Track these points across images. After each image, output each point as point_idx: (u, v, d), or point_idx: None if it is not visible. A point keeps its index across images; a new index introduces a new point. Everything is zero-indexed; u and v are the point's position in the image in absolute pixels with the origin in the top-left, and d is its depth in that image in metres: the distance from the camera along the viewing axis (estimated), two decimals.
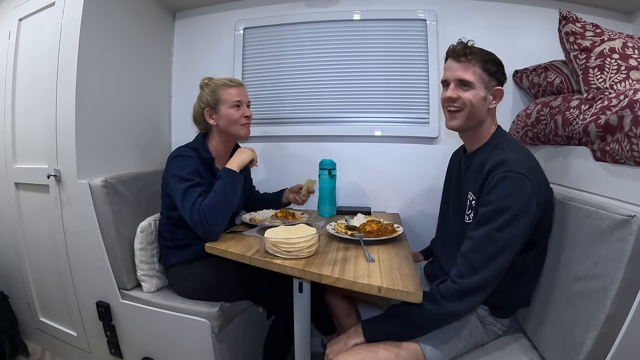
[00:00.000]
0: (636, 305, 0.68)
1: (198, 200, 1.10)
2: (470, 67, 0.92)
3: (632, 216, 0.68)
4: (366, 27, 1.66)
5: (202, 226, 1.07)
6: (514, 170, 0.81)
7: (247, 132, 1.30)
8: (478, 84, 0.92)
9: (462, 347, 0.92)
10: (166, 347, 1.27)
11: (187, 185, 1.13)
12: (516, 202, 0.79)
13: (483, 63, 0.92)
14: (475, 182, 0.91)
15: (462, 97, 0.93)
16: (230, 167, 1.18)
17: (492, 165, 0.85)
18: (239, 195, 1.19)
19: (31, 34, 1.48)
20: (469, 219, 0.93)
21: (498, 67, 0.94)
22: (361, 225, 1.18)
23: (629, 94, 0.83)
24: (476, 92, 0.92)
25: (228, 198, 1.12)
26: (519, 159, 0.84)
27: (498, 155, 0.87)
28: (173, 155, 1.22)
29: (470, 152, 1.02)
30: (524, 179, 0.80)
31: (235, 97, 1.26)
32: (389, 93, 1.66)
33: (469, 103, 0.92)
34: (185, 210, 1.10)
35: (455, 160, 1.17)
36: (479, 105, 0.93)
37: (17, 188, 1.55)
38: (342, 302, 1.34)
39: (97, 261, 1.28)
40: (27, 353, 1.62)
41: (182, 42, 1.84)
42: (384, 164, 1.67)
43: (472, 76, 0.92)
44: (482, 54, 0.93)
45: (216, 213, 1.09)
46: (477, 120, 0.95)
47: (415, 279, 0.82)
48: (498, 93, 0.94)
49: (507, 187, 0.80)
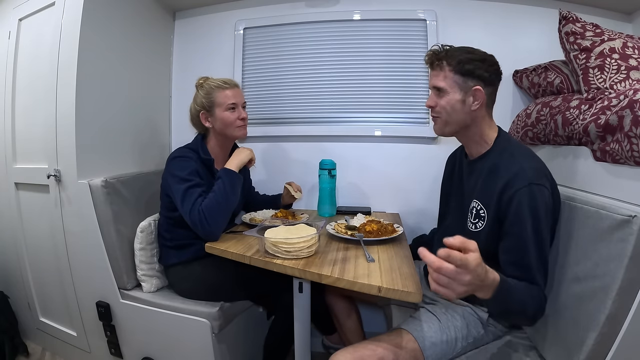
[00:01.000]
0: (636, 306, 0.68)
1: (198, 200, 1.10)
2: (441, 72, 0.92)
3: (632, 216, 0.68)
4: (366, 27, 1.66)
5: (202, 226, 1.07)
6: (534, 182, 0.81)
7: (243, 133, 1.29)
8: (451, 88, 0.91)
9: (462, 347, 0.92)
10: (166, 347, 1.27)
11: (187, 185, 1.13)
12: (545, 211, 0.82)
13: (456, 65, 0.90)
14: (485, 190, 0.90)
15: (438, 103, 0.94)
16: (229, 167, 1.18)
17: (509, 176, 0.84)
18: (239, 195, 1.19)
19: (31, 34, 1.48)
20: (476, 227, 0.92)
21: (477, 63, 0.90)
22: (361, 225, 1.17)
23: (629, 94, 0.83)
24: (450, 97, 0.91)
25: (228, 198, 1.12)
26: (535, 167, 0.85)
27: (512, 164, 0.85)
28: (173, 156, 1.22)
29: (475, 158, 0.99)
30: (543, 190, 0.82)
31: (230, 99, 1.24)
32: (389, 93, 1.66)
33: (443, 110, 0.93)
34: (185, 210, 1.10)
35: (453, 162, 1.16)
36: (456, 109, 0.92)
37: (17, 188, 1.55)
38: (342, 302, 1.34)
39: (97, 261, 1.28)
40: (27, 353, 1.62)
41: (182, 42, 1.84)
42: (384, 164, 1.67)
43: (442, 82, 0.92)
44: (454, 56, 0.91)
45: (216, 213, 1.09)
46: (458, 124, 0.94)
47: (415, 279, 0.82)
48: (478, 94, 0.90)
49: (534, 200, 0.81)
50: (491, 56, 0.94)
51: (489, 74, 0.91)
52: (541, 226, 0.81)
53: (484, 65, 0.91)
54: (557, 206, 0.89)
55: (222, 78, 1.29)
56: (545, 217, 0.82)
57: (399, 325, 0.94)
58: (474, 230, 0.93)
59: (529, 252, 0.81)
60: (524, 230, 0.81)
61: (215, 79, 1.28)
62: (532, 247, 0.81)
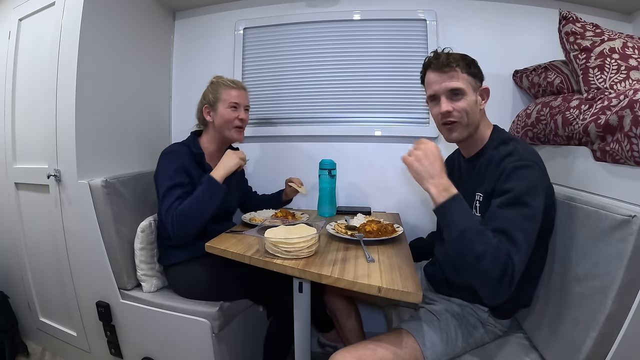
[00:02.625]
0: (636, 306, 0.68)
1: (175, 203, 1.13)
2: (456, 74, 0.91)
3: (632, 216, 0.68)
4: (366, 27, 1.66)
5: (172, 228, 1.12)
6: (524, 159, 0.82)
7: (240, 137, 1.32)
8: (468, 89, 0.92)
9: (462, 347, 0.92)
10: (166, 347, 1.27)
11: (169, 185, 1.16)
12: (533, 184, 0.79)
13: (466, 67, 0.92)
14: (485, 180, 0.90)
15: (456, 107, 0.91)
16: (215, 176, 1.19)
17: (503, 157, 0.85)
18: (215, 205, 1.18)
19: (31, 34, 1.48)
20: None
21: (476, 64, 0.94)
22: (361, 225, 1.17)
23: (629, 94, 0.83)
24: (469, 99, 0.92)
25: (203, 207, 1.14)
26: (527, 149, 0.86)
27: (505, 148, 0.87)
28: (163, 152, 1.25)
29: (472, 156, 1.01)
30: (534, 166, 0.82)
31: (234, 98, 1.28)
32: (389, 93, 1.66)
33: (464, 112, 0.91)
34: (162, 209, 1.15)
35: (451, 164, 1.16)
36: (475, 111, 0.93)
37: (17, 188, 1.55)
38: (342, 303, 1.34)
39: (97, 261, 1.28)
40: (27, 353, 1.62)
41: (182, 42, 1.84)
42: (384, 164, 1.67)
43: (462, 83, 0.91)
44: (462, 59, 0.93)
45: (187, 220, 1.12)
46: (474, 126, 0.95)
47: (415, 279, 0.82)
48: (485, 92, 0.95)
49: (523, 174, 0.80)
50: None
51: (482, 75, 0.96)
52: (527, 198, 0.77)
53: (479, 67, 0.95)
54: (549, 190, 0.88)
55: (234, 79, 1.34)
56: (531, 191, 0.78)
57: (399, 325, 0.94)
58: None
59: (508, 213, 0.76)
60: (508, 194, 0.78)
61: (227, 79, 1.33)
62: (513, 211, 0.76)
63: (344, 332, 1.34)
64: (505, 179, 0.82)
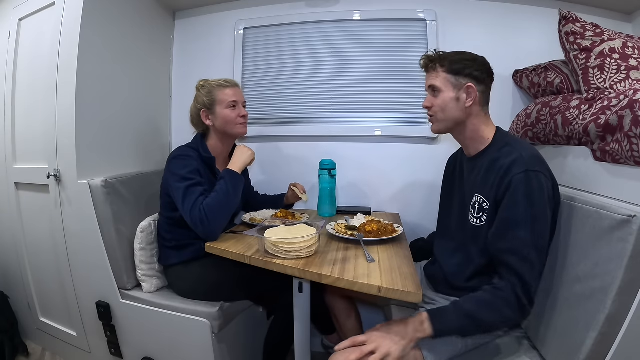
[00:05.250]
0: (636, 306, 0.68)
1: (199, 199, 1.10)
2: (435, 73, 0.98)
3: (632, 216, 0.68)
4: (366, 27, 1.66)
5: (203, 225, 1.07)
6: (531, 169, 0.83)
7: (244, 130, 1.31)
8: (445, 86, 0.96)
9: (462, 347, 0.92)
10: (166, 347, 1.27)
11: (188, 184, 1.13)
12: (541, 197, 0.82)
13: (448, 65, 0.95)
14: (486, 183, 0.91)
15: (433, 103, 0.99)
16: (233, 169, 1.19)
17: (508, 163, 0.85)
18: (240, 197, 1.19)
19: (31, 34, 1.48)
20: (480, 221, 0.93)
21: (467, 62, 0.95)
22: (361, 225, 1.17)
23: (629, 94, 0.83)
24: (445, 95, 0.96)
25: (230, 199, 1.13)
26: (533, 155, 0.86)
27: (510, 153, 0.87)
28: (173, 156, 1.22)
29: (474, 155, 1.01)
30: (540, 176, 0.83)
31: (231, 97, 1.26)
32: (389, 93, 1.66)
33: (438, 107, 0.98)
34: (186, 209, 1.10)
35: (454, 163, 1.17)
36: (451, 107, 0.96)
37: (17, 188, 1.55)
38: (342, 302, 1.34)
39: (97, 261, 1.28)
40: (27, 353, 1.62)
41: (182, 42, 1.84)
42: (384, 164, 1.67)
43: (437, 81, 0.97)
44: (446, 58, 0.96)
45: (217, 212, 1.09)
46: (453, 121, 0.98)
47: (415, 279, 0.82)
48: (470, 90, 0.94)
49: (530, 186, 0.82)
50: (482, 57, 0.98)
51: (480, 72, 0.95)
52: (536, 212, 0.81)
53: (475, 65, 0.95)
54: (557, 196, 0.89)
55: (223, 78, 1.31)
56: (540, 203, 0.81)
57: None
58: (476, 225, 0.94)
59: (519, 233, 0.81)
60: (517, 213, 0.82)
61: (216, 79, 1.29)
62: (524, 229, 0.80)
63: (344, 332, 1.34)
64: (513, 193, 0.83)
